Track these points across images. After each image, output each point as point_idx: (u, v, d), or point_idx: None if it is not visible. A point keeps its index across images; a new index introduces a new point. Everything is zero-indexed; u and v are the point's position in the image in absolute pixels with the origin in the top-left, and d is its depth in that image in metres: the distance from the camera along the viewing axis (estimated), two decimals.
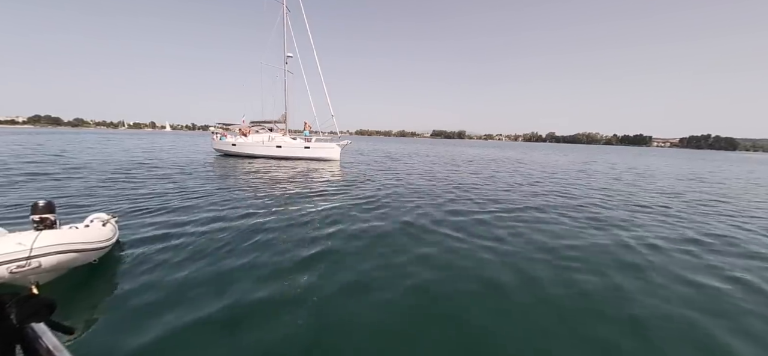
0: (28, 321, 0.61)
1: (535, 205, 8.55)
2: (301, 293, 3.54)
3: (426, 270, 4.22)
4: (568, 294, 3.74)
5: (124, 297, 3.36)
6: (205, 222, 5.81)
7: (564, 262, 4.64)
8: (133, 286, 3.54)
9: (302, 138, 21.58)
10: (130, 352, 2.58)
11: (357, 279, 3.91)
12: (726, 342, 3.01)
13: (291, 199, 8.33)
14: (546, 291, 3.81)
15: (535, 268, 4.40)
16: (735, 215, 8.31)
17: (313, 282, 3.78)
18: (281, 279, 3.85)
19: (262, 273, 3.98)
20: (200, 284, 3.65)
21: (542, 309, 3.43)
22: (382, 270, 4.18)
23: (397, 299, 3.51)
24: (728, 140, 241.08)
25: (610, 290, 3.90)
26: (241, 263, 4.20)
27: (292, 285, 3.72)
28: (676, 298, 3.75)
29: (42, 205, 3.62)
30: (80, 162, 14.43)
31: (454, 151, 41.73)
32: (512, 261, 4.62)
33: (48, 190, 8.22)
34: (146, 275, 3.79)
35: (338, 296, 3.52)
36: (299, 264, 4.25)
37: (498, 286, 3.89)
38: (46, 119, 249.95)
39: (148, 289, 3.49)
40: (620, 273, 4.33)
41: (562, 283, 4.00)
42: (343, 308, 3.31)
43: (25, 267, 3.07)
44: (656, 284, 4.09)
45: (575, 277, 4.17)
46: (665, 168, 24.37)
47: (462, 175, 15.12)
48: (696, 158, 50.93)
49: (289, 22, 22.42)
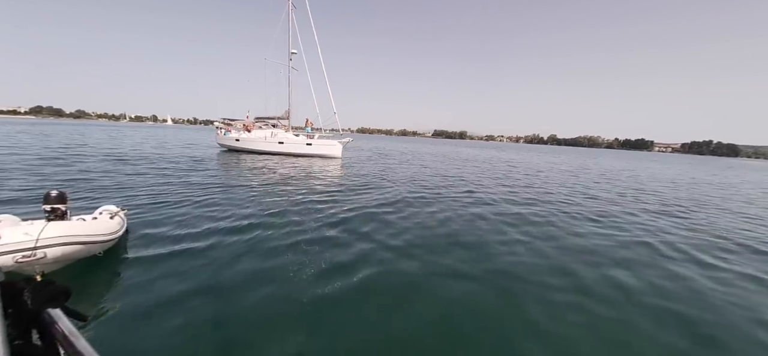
0: (45, 307, 0.61)
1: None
2: (301, 291, 3.54)
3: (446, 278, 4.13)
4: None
5: (124, 291, 3.36)
6: (211, 218, 5.84)
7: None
8: (134, 281, 3.54)
9: (304, 135, 21.70)
10: (123, 347, 2.58)
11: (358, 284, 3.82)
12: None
13: (295, 197, 8.42)
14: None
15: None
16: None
17: (313, 281, 3.77)
18: (282, 277, 3.83)
19: (262, 268, 3.98)
20: (201, 280, 3.62)
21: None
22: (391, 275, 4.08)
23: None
24: (730, 147, 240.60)
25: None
26: (240, 260, 4.18)
27: (293, 283, 3.71)
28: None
29: (54, 195, 3.67)
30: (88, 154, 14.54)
31: (453, 151, 41.77)
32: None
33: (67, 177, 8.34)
34: (147, 269, 3.78)
35: (337, 295, 3.50)
36: (308, 266, 4.19)
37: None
38: (47, 110, 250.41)
39: (148, 284, 3.49)
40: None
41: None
42: (346, 310, 3.26)
43: (30, 257, 3.12)
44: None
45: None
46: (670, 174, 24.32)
47: (462, 173, 15.20)
48: (701, 164, 50.58)
49: (294, 18, 22.54)
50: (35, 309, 0.60)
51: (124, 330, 2.77)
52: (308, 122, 23.32)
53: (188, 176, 10.26)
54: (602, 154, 77.32)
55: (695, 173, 26.34)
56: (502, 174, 16.60)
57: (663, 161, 50.72)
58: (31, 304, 0.60)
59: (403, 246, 5.01)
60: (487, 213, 7.51)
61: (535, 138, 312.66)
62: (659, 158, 76.32)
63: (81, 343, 0.57)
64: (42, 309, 0.61)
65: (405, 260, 4.49)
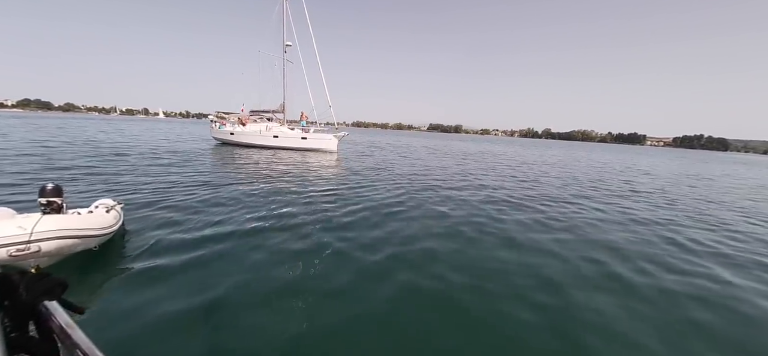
0: (41, 299, 0.62)
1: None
2: (296, 286, 3.58)
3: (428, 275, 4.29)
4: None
5: (120, 284, 3.37)
6: (205, 212, 5.86)
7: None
8: (130, 274, 3.56)
9: (299, 129, 21.61)
10: (118, 339, 2.60)
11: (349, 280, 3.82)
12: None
13: (289, 191, 8.51)
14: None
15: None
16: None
17: (306, 276, 3.81)
18: (276, 271, 3.86)
19: (255, 265, 3.99)
20: (196, 274, 3.66)
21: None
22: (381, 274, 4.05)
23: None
24: (720, 141, 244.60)
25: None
26: (234, 257, 4.18)
27: (286, 278, 3.72)
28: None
29: (50, 188, 3.67)
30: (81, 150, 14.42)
31: (446, 144, 42.04)
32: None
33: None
34: (143, 262, 3.81)
35: (333, 293, 3.51)
36: (298, 258, 4.26)
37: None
38: (35, 103, 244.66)
39: (144, 277, 3.51)
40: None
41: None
42: (337, 307, 3.26)
43: (24, 251, 3.11)
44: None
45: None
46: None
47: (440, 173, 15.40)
48: (693, 158, 51.49)
49: (288, 9, 22.32)
50: (32, 301, 0.60)
51: (120, 322, 2.79)
52: (303, 116, 23.27)
53: (184, 169, 10.30)
54: (588, 147, 78.16)
55: (667, 165, 26.90)
56: (490, 167, 16.84)
57: (646, 155, 51.40)
58: (28, 297, 0.60)
59: (402, 244, 4.96)
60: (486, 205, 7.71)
61: (529, 132, 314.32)
62: (645, 151, 77.14)
63: (77, 335, 0.58)
64: (38, 301, 0.61)
65: (404, 260, 4.43)
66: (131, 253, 4.05)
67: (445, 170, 14.55)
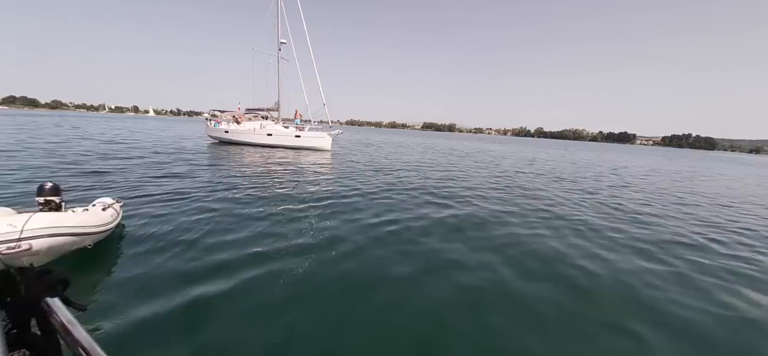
0: (43, 296, 0.61)
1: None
2: (291, 283, 3.61)
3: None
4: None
5: (116, 283, 3.36)
6: (202, 210, 5.88)
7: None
8: (126, 272, 3.54)
9: (294, 127, 21.64)
10: (118, 337, 2.61)
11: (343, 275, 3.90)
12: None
13: (283, 190, 8.71)
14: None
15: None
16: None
17: (300, 276, 3.80)
18: (268, 269, 3.87)
19: (252, 258, 4.06)
20: (193, 271, 3.68)
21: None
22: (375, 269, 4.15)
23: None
24: (707, 140, 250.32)
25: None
26: (228, 255, 4.15)
27: (280, 276, 3.73)
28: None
29: (48, 187, 3.66)
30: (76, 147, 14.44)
31: (440, 143, 42.44)
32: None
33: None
34: (139, 261, 3.80)
35: (330, 292, 3.53)
36: (293, 254, 4.31)
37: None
38: (21, 100, 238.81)
39: (140, 275, 3.50)
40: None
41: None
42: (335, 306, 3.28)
43: (15, 249, 3.05)
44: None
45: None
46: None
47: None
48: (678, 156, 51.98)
49: (282, 6, 22.34)
50: (33, 298, 0.60)
51: (118, 320, 2.79)
52: (297, 114, 23.37)
53: (179, 168, 10.47)
54: (576, 146, 78.67)
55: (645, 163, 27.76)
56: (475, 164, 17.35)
57: (632, 153, 52.06)
58: (29, 293, 0.60)
59: (400, 244, 5.00)
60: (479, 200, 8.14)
61: (522, 131, 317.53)
62: (631, 150, 77.41)
63: (79, 332, 0.57)
64: (40, 298, 0.60)
65: (402, 260, 4.43)
66: (127, 251, 4.03)
67: (434, 165, 14.95)
